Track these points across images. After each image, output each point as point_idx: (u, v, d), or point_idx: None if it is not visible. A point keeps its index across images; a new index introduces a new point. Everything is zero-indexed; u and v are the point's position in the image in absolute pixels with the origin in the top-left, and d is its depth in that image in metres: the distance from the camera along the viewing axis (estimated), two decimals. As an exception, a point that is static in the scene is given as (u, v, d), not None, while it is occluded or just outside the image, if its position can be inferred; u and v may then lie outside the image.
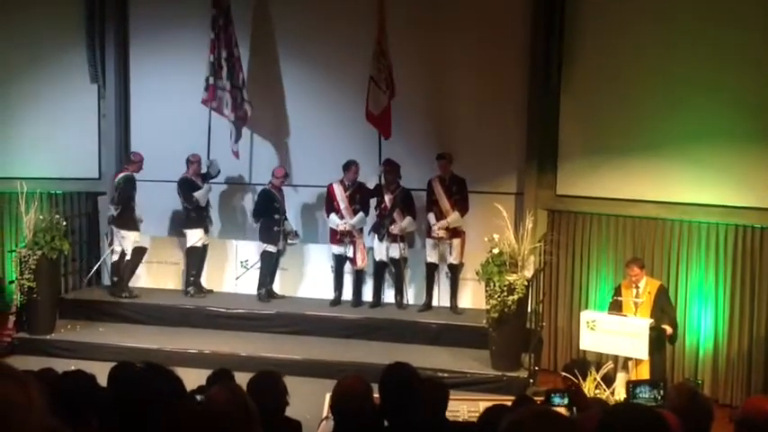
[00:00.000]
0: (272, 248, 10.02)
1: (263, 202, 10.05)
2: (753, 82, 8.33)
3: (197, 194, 10.06)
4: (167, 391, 2.80)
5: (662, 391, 6.41)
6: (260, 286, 10.14)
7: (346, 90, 10.20)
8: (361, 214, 9.77)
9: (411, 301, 9.92)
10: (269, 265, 10.13)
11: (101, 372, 4.02)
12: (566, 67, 9.43)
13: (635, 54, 8.98)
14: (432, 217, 9.57)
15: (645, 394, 6.42)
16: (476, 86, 10.06)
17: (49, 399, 3.09)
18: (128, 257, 10.17)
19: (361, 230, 9.85)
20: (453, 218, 9.49)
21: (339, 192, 9.80)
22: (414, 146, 10.12)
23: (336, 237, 9.83)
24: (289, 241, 10.07)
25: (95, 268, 10.59)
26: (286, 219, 10.08)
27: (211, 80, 10.07)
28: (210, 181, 10.28)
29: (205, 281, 10.48)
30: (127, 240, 10.10)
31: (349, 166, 9.76)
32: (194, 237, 10.20)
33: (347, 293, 10.05)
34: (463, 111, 10.15)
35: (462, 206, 9.55)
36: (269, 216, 9.98)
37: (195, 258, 10.32)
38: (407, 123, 10.15)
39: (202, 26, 10.27)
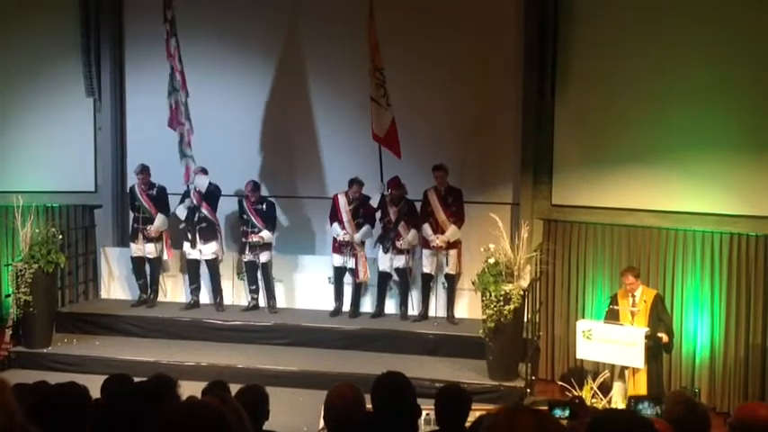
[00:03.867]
0: (244, 258, 10.11)
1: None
2: (746, 91, 8.36)
3: (177, 209, 10.19)
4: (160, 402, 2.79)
5: (663, 407, 6.38)
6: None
7: (349, 105, 10.24)
8: (366, 227, 9.77)
9: (414, 312, 9.91)
10: (248, 275, 10.18)
11: (97, 385, 4.02)
12: (559, 78, 9.49)
13: (628, 65, 9.03)
14: (427, 228, 9.58)
15: (647, 411, 6.40)
16: (471, 98, 10.14)
17: (42, 410, 3.10)
18: None
19: (363, 244, 9.84)
20: (451, 231, 9.51)
21: (343, 204, 9.82)
22: (409, 157, 10.13)
23: (337, 246, 9.86)
24: (251, 242, 9.93)
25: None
26: (256, 229, 9.93)
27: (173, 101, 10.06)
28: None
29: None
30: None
31: (351, 184, 9.77)
32: (186, 249, 10.27)
33: (347, 304, 10.05)
34: (459, 122, 10.21)
35: (458, 218, 9.57)
36: (240, 226, 10.14)
37: (187, 271, 10.38)
38: (403, 135, 10.18)
39: (195, 39, 10.32)
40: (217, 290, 10.28)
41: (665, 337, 7.88)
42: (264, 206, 10.05)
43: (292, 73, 10.69)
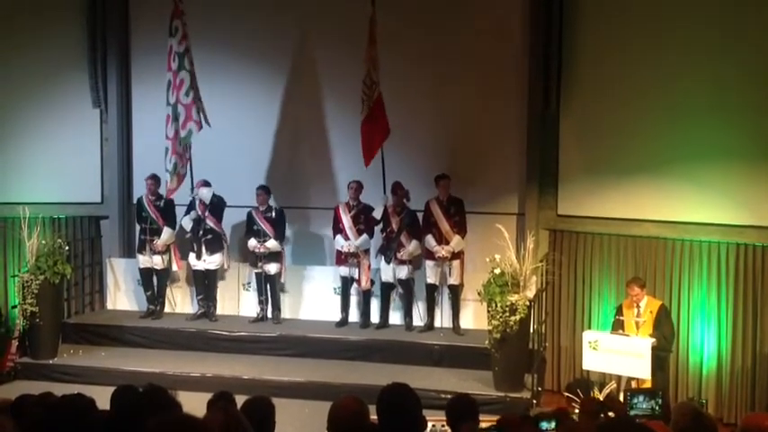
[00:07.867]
0: (255, 269, 10.14)
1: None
2: (753, 101, 8.35)
3: (182, 220, 10.24)
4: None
5: (660, 401, 6.37)
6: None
7: (351, 114, 10.22)
8: (365, 236, 9.78)
9: (419, 323, 9.89)
10: (257, 286, 10.21)
11: (103, 396, 4.01)
12: (564, 88, 9.50)
13: (634, 75, 9.02)
14: (431, 239, 9.57)
15: (642, 404, 6.37)
16: (476, 109, 10.14)
17: (48, 422, 3.10)
18: None
19: (366, 251, 9.86)
20: (456, 241, 9.50)
21: (344, 213, 9.85)
22: (413, 168, 10.15)
23: (341, 257, 9.87)
24: (259, 250, 9.94)
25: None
26: (263, 239, 9.95)
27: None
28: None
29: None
30: None
31: (348, 186, 9.86)
32: (191, 261, 10.29)
33: (354, 315, 10.05)
34: (464, 133, 10.22)
35: (461, 228, 9.57)
36: (247, 237, 10.13)
37: (194, 282, 10.41)
38: (407, 146, 10.19)
39: (203, 49, 10.36)
40: (211, 299, 10.30)
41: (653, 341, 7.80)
42: (274, 214, 10.08)
43: (301, 83, 10.71)
